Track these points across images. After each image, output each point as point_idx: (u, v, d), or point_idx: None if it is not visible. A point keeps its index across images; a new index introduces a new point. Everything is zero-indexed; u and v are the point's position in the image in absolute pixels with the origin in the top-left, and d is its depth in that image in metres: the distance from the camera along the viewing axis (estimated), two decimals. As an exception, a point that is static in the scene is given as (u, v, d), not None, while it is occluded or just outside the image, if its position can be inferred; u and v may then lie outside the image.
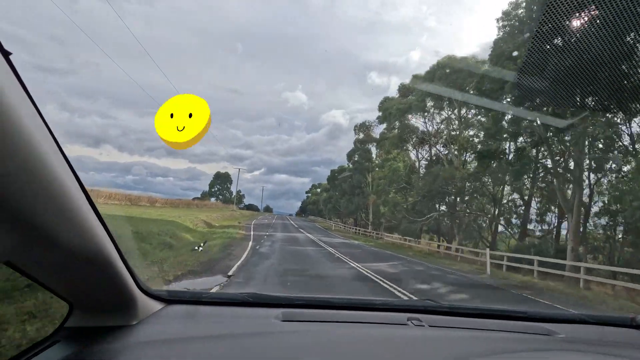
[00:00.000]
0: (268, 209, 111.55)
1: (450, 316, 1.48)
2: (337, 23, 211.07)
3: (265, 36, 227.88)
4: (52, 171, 0.63)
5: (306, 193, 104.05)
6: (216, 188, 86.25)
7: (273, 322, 1.23)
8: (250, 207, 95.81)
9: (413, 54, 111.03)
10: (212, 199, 78.25)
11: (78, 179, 0.73)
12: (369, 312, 1.45)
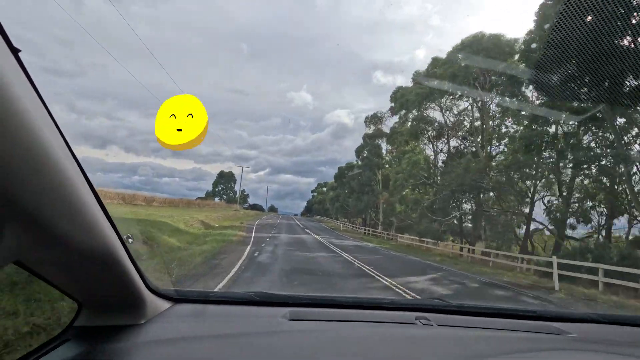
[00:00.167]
0: (273, 209, 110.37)
1: (459, 315, 1.45)
2: (342, 23, 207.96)
3: (270, 36, 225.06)
4: (63, 171, 0.62)
5: (312, 192, 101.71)
6: (220, 188, 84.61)
7: (280, 321, 1.22)
8: (254, 207, 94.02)
9: (418, 53, 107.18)
10: (216, 199, 77.03)
11: (87, 180, 0.73)
12: (377, 311, 1.44)
